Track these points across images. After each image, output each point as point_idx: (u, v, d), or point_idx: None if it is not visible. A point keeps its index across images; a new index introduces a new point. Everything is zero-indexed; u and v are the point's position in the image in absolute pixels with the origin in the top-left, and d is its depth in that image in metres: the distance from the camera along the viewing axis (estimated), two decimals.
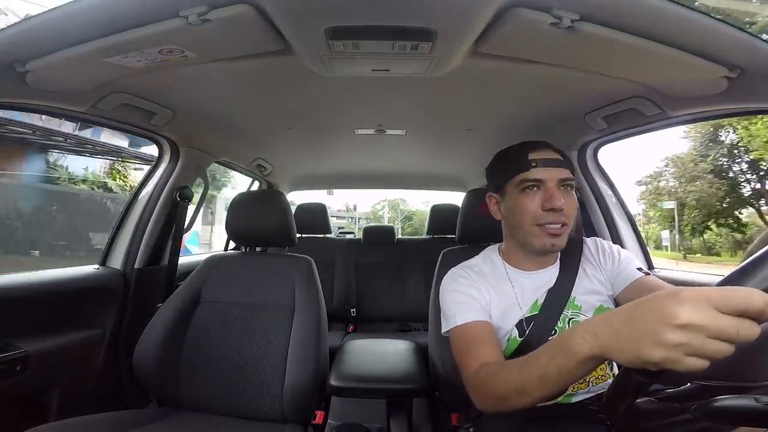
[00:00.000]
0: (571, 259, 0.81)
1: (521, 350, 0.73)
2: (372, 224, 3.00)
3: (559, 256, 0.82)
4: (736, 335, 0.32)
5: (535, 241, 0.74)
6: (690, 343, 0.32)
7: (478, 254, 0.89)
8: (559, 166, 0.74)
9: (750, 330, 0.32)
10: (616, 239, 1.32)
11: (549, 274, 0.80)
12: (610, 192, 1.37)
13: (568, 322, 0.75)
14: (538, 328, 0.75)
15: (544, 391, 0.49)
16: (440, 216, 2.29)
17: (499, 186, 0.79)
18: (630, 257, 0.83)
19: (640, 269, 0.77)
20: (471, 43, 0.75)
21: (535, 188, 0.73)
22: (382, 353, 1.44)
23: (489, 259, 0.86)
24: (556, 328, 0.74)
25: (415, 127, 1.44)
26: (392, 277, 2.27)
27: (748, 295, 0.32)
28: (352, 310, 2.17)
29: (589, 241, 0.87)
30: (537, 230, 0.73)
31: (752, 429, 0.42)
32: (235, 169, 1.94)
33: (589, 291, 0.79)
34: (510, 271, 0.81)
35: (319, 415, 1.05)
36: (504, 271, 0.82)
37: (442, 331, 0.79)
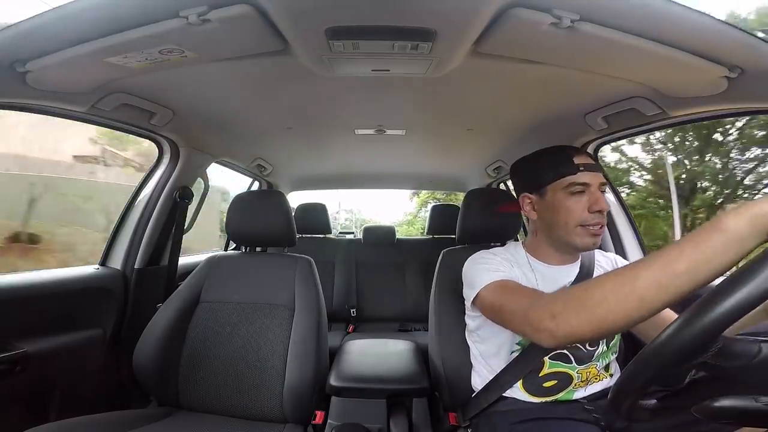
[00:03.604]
0: (588, 261, 0.85)
1: None
2: (372, 224, 2.99)
3: (579, 257, 0.85)
4: None
5: (578, 240, 0.77)
6: None
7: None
8: (599, 171, 0.78)
9: None
10: (616, 239, 1.33)
11: (568, 271, 0.83)
12: (609, 191, 1.37)
13: None
14: None
15: (659, 292, 0.43)
16: (440, 216, 2.29)
17: (538, 187, 0.82)
18: None
19: None
20: (471, 43, 0.75)
21: (582, 191, 0.76)
22: (382, 353, 1.43)
23: (512, 248, 0.89)
24: None
25: (415, 127, 1.44)
26: (392, 277, 2.27)
27: None
28: (352, 310, 2.17)
29: (602, 254, 0.92)
30: (580, 230, 0.76)
31: (752, 429, 0.42)
32: (235, 169, 1.94)
33: None
34: (532, 262, 0.85)
35: (319, 415, 1.05)
36: (527, 261, 0.85)
37: (470, 300, 0.80)
